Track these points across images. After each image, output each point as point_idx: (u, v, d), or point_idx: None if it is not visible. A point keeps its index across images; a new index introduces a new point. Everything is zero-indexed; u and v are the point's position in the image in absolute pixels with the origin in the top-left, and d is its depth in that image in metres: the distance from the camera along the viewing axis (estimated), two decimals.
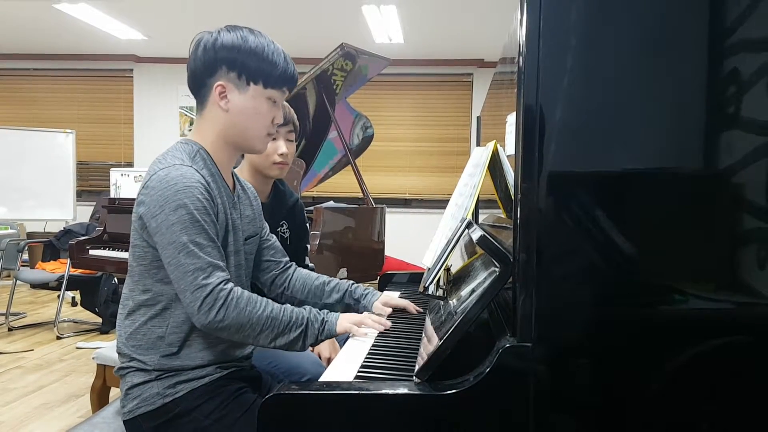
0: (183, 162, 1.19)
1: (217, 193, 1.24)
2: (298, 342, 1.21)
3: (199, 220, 1.14)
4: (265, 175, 1.75)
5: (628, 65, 0.87)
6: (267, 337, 1.18)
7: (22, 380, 3.17)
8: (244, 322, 1.15)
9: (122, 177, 4.14)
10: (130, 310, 1.23)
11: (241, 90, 1.23)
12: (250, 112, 1.25)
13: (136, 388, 1.20)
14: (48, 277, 4.19)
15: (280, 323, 1.19)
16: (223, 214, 1.24)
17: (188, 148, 1.24)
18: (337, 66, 3.31)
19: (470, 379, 0.87)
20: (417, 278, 2.02)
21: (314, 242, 2.64)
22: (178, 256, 1.13)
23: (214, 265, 1.14)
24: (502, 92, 1.27)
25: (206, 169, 1.23)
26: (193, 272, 1.12)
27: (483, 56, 6.22)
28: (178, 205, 1.13)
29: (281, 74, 1.25)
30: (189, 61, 1.25)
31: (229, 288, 1.15)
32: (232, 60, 1.21)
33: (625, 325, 0.88)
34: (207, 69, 1.23)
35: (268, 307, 1.18)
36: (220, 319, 1.13)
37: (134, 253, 1.22)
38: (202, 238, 1.14)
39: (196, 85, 1.26)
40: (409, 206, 6.58)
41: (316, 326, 1.23)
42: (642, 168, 0.88)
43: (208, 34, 1.23)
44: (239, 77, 1.22)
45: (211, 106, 1.25)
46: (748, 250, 0.86)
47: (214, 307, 1.12)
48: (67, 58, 6.68)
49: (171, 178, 1.15)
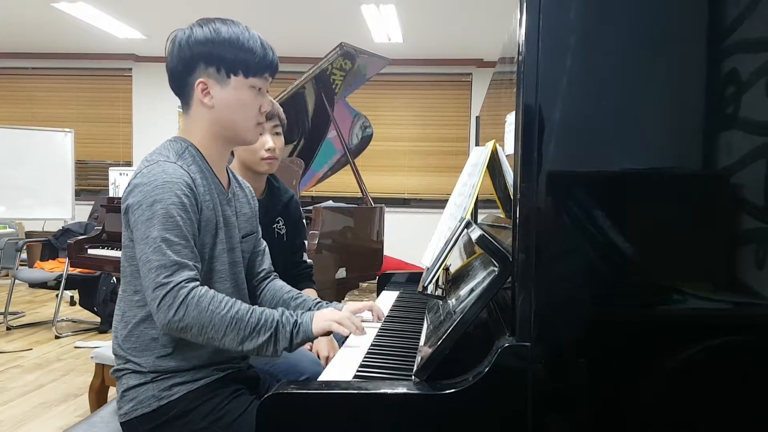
0: (168, 159, 1.18)
1: (206, 189, 1.22)
2: (268, 346, 1.12)
3: (174, 215, 1.12)
4: (256, 172, 1.75)
5: (627, 65, 0.87)
6: (233, 340, 1.11)
7: (20, 379, 3.17)
8: (205, 323, 1.09)
9: (121, 176, 4.13)
10: (124, 311, 1.22)
11: (223, 84, 1.22)
12: (235, 104, 1.23)
13: (132, 390, 1.19)
14: (46, 277, 4.19)
15: (247, 325, 1.11)
16: (212, 210, 1.23)
17: (176, 146, 1.23)
18: (336, 65, 3.31)
19: (469, 378, 0.87)
20: (416, 278, 2.02)
21: (313, 242, 2.64)
22: (146, 251, 1.11)
23: (180, 264, 1.11)
24: (502, 92, 1.27)
25: (195, 165, 1.22)
26: (156, 269, 1.10)
27: (482, 56, 6.22)
28: (154, 200, 1.12)
29: (260, 61, 1.22)
30: (167, 61, 1.24)
31: (191, 287, 1.10)
32: (208, 54, 1.20)
33: (624, 325, 0.88)
34: (185, 67, 1.22)
35: (233, 308, 1.12)
36: (179, 319, 1.08)
37: (125, 254, 1.21)
38: (173, 235, 1.12)
39: (177, 85, 1.25)
40: (408, 206, 6.58)
41: (288, 329, 1.14)
42: (641, 168, 0.88)
43: (182, 31, 1.22)
44: (218, 71, 1.21)
45: (196, 104, 1.24)
46: (747, 250, 0.87)
47: (172, 305, 1.08)
48: (66, 57, 6.67)
49: (152, 174, 1.14)
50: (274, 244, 1.64)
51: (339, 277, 2.88)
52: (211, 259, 1.24)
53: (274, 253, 1.57)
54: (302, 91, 3.33)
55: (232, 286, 1.29)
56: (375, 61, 3.59)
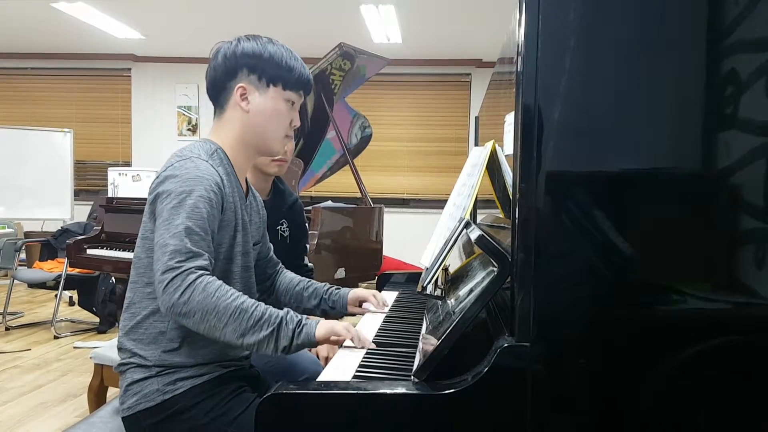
0: (200, 157, 1.22)
1: (231, 191, 1.25)
2: (269, 343, 1.11)
3: (200, 207, 1.14)
4: (265, 173, 1.77)
5: (627, 65, 0.87)
6: (234, 331, 1.09)
7: (19, 380, 3.17)
8: (209, 309, 1.08)
9: (120, 176, 4.13)
10: (132, 302, 1.23)
11: (262, 91, 1.28)
12: (270, 112, 1.29)
13: (136, 384, 1.20)
14: (45, 277, 4.18)
15: (250, 317, 1.10)
16: (232, 212, 1.26)
17: (207, 147, 1.27)
18: (335, 66, 3.31)
19: (468, 378, 0.87)
20: (415, 278, 2.02)
21: (312, 242, 2.64)
22: (165, 236, 1.12)
23: (195, 253, 1.11)
24: (501, 92, 1.27)
25: (222, 167, 1.25)
26: (171, 253, 1.10)
27: (481, 56, 6.22)
28: (184, 191, 1.15)
29: (298, 78, 1.30)
30: (208, 70, 1.30)
31: (200, 273, 1.10)
32: (253, 63, 1.27)
33: (623, 325, 0.88)
34: (228, 73, 1.28)
35: (239, 299, 1.11)
36: (183, 302, 1.07)
37: (144, 245, 1.22)
38: (196, 225, 1.13)
39: (216, 90, 1.31)
40: (408, 206, 6.58)
41: (291, 327, 1.13)
42: (640, 168, 0.88)
43: (228, 43, 1.29)
44: (260, 79, 1.28)
45: (232, 107, 1.29)
46: (747, 250, 0.87)
47: (179, 287, 1.08)
48: (65, 57, 6.67)
49: (186, 168, 1.18)
50: (276, 246, 1.66)
51: (338, 278, 2.88)
52: (226, 260, 1.26)
53: (277, 254, 1.60)
54: None
55: (242, 288, 1.31)
56: (374, 61, 3.59)
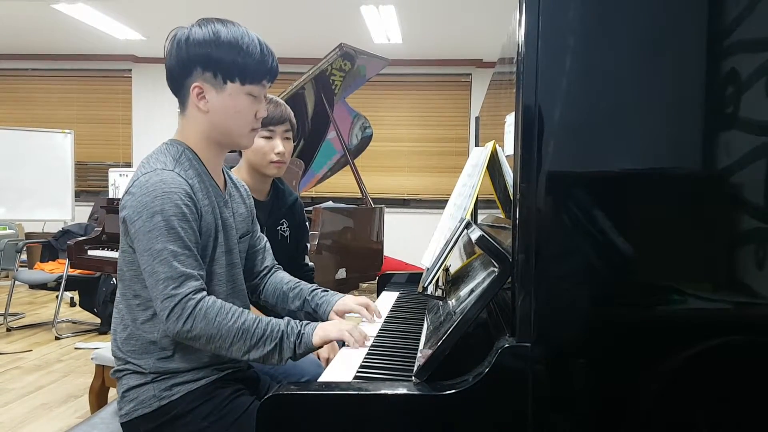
0: (165, 166, 1.17)
1: (205, 194, 1.22)
2: (273, 356, 1.15)
3: (176, 227, 1.13)
4: (263, 174, 1.75)
5: (627, 65, 0.87)
6: (240, 350, 1.14)
7: (20, 381, 3.17)
8: (213, 333, 1.12)
9: (120, 177, 4.13)
10: (123, 314, 1.23)
11: (219, 89, 1.20)
12: (230, 111, 1.22)
13: (132, 391, 1.20)
14: (46, 278, 4.18)
15: (253, 335, 1.14)
16: (211, 214, 1.23)
17: (173, 150, 1.23)
18: (335, 66, 3.31)
19: (469, 379, 0.87)
20: (416, 278, 2.02)
21: (313, 242, 2.64)
22: (152, 264, 1.12)
23: (186, 274, 1.13)
24: (501, 92, 1.27)
25: (192, 169, 1.22)
26: (164, 281, 1.11)
27: (481, 56, 6.22)
28: (154, 212, 1.12)
29: (258, 67, 1.20)
30: (166, 59, 1.22)
31: (199, 298, 1.13)
32: (206, 57, 1.18)
33: (624, 325, 0.88)
34: (183, 69, 1.20)
35: (240, 319, 1.14)
36: (188, 329, 1.11)
37: (123, 258, 1.21)
38: (177, 246, 1.13)
39: (174, 85, 1.24)
40: (408, 206, 6.58)
41: (292, 339, 1.16)
42: (641, 168, 0.88)
43: (182, 29, 1.20)
44: (215, 76, 1.19)
45: (191, 107, 1.23)
46: (747, 250, 0.87)
47: (182, 317, 1.11)
48: (66, 59, 6.67)
49: (150, 184, 1.14)
50: (277, 246, 1.65)
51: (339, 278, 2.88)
52: (210, 262, 1.25)
53: (277, 254, 1.58)
54: (302, 92, 3.34)
55: (229, 288, 1.30)
56: (374, 61, 3.59)
